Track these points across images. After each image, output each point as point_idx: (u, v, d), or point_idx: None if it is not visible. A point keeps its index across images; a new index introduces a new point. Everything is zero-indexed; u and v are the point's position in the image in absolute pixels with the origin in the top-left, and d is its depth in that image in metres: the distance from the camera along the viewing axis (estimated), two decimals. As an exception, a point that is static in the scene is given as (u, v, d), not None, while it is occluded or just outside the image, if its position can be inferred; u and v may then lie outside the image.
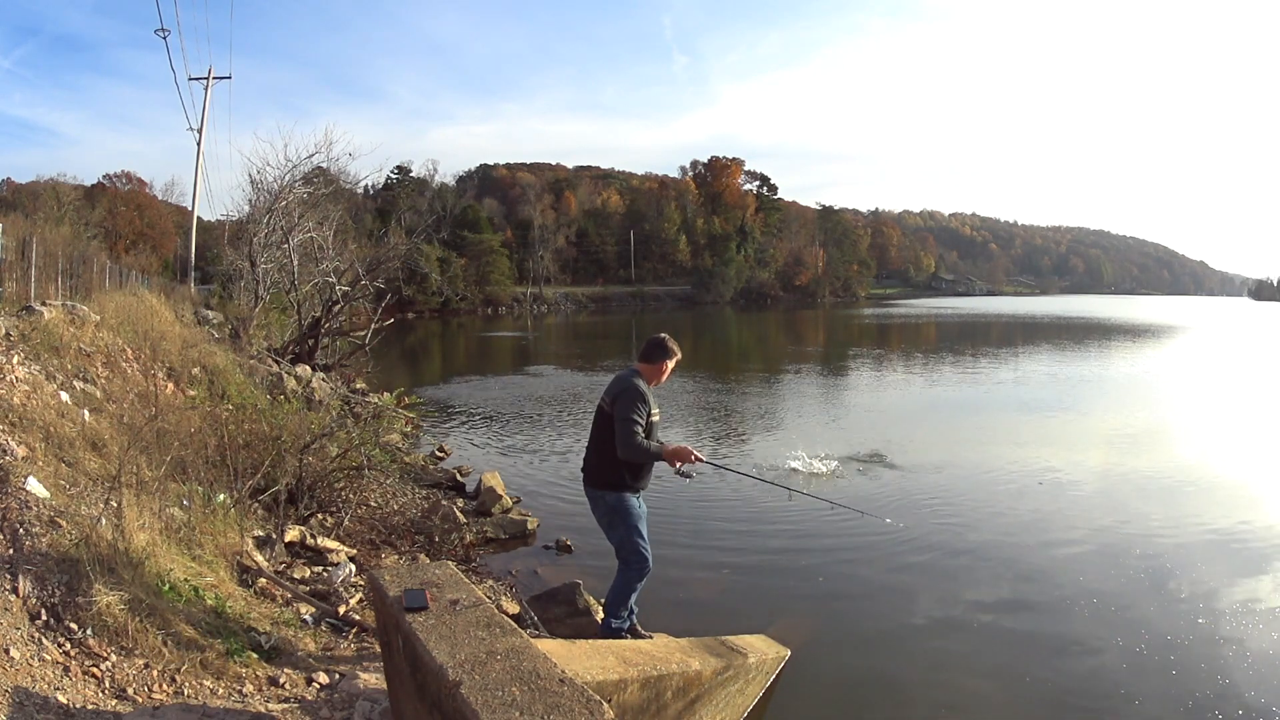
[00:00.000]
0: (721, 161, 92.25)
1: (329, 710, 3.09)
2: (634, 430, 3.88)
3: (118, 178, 61.37)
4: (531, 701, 2.05)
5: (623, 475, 3.99)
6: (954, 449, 10.27)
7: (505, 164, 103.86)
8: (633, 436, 3.87)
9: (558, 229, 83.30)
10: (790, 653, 4.50)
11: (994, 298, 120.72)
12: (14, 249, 9.75)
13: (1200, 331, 42.32)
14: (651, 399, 4.02)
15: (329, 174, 17.92)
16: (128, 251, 37.75)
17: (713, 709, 3.63)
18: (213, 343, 9.74)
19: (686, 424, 12.49)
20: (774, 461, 9.40)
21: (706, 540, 6.67)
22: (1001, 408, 14.55)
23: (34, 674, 2.69)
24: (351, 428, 7.15)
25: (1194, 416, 13.57)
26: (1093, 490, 8.25)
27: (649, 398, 4.00)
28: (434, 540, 6.13)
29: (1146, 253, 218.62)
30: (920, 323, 49.78)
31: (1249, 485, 8.55)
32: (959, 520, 7.11)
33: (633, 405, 3.90)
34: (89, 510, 3.63)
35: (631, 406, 3.90)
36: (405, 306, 48.78)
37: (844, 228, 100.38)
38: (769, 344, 34.93)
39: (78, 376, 5.51)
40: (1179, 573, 5.81)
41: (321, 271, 15.51)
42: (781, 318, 58.85)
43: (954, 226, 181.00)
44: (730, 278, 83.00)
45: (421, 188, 75.93)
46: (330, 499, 6.05)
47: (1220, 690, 4.10)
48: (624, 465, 3.98)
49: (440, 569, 2.95)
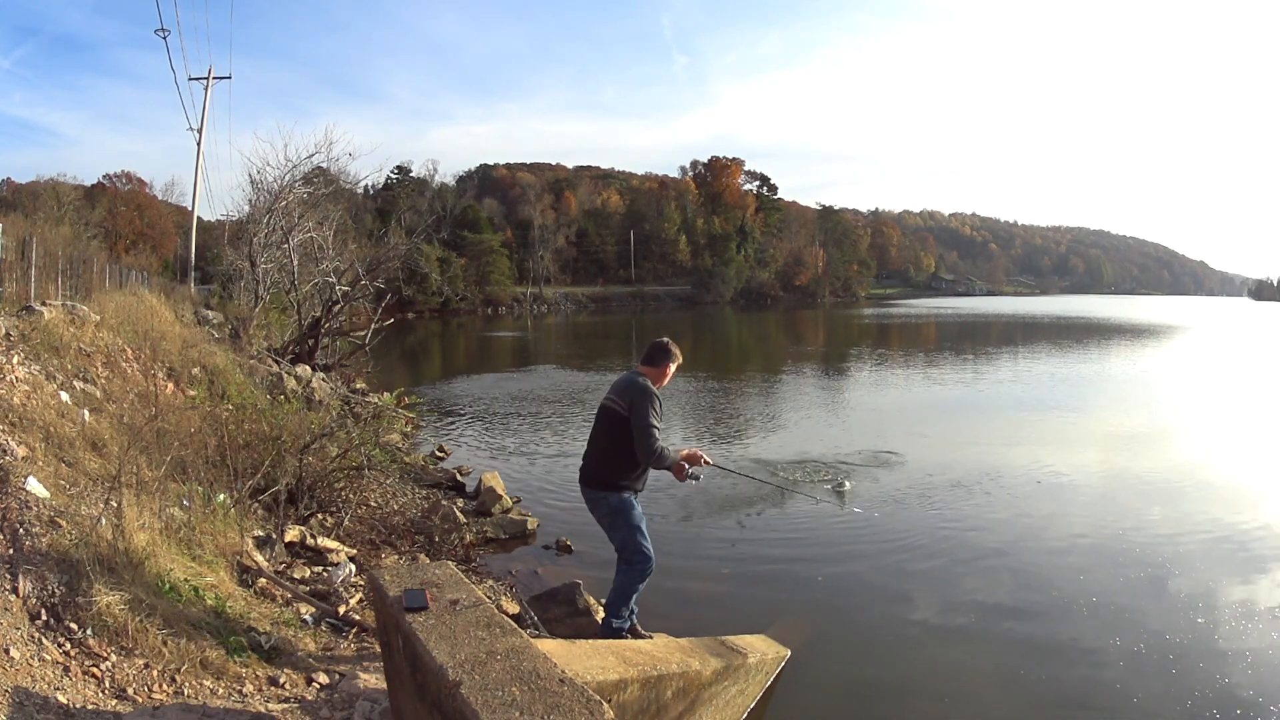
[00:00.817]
0: (721, 161, 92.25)
1: (329, 710, 3.09)
2: (656, 435, 3.90)
3: (118, 178, 61.42)
4: (531, 701, 2.05)
5: (625, 476, 4.00)
6: (953, 449, 10.26)
7: (505, 164, 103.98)
8: (656, 442, 3.89)
9: (558, 229, 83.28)
10: (790, 653, 4.50)
11: (994, 298, 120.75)
12: (14, 249, 9.76)
13: (1200, 331, 42.32)
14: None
15: (329, 174, 17.93)
16: (128, 251, 37.78)
17: (713, 709, 3.63)
18: (213, 343, 9.74)
19: (687, 424, 12.49)
20: (774, 462, 9.40)
21: (707, 540, 6.67)
22: (1001, 407, 14.55)
23: (34, 674, 2.69)
24: (351, 428, 7.15)
25: (1193, 416, 13.56)
26: (1092, 490, 8.25)
27: (661, 401, 4.01)
28: (434, 540, 6.13)
29: (1146, 253, 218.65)
30: (920, 323, 49.78)
31: (1249, 485, 8.55)
32: (959, 520, 7.10)
33: (651, 410, 3.91)
34: (89, 510, 3.63)
35: (650, 411, 3.90)
36: (405, 306, 48.79)
37: (844, 228, 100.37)
38: (769, 344, 34.92)
39: (78, 376, 5.51)
40: (1178, 573, 5.81)
41: (321, 271, 15.50)
42: (781, 318, 58.84)
43: (954, 226, 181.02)
44: (730, 278, 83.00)
45: (421, 188, 75.93)
46: (330, 499, 6.05)
47: (1219, 690, 4.10)
48: (627, 466, 3.98)
49: (440, 569, 2.95)
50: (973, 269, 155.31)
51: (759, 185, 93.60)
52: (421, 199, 71.03)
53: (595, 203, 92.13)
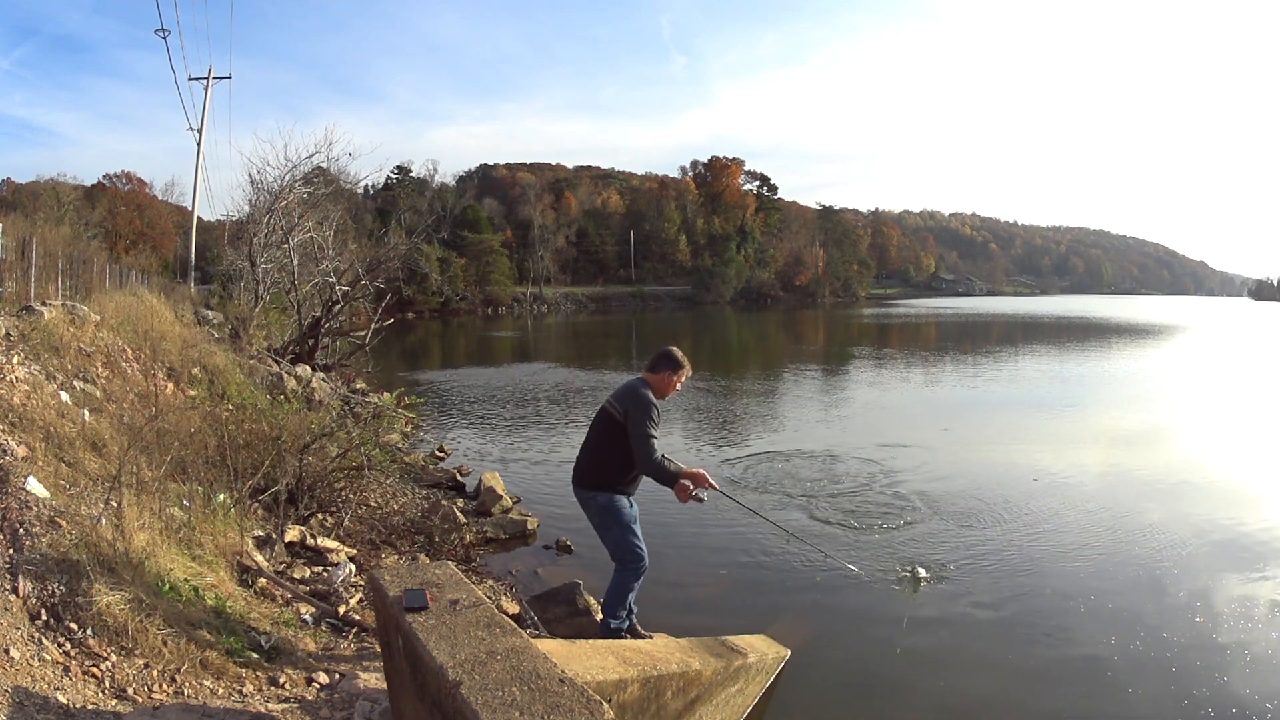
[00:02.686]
0: (721, 161, 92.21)
1: (329, 710, 3.09)
2: (654, 446, 3.86)
3: (118, 178, 61.41)
4: (531, 701, 2.05)
5: (613, 476, 3.98)
6: (953, 448, 10.26)
7: (505, 164, 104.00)
8: (654, 452, 3.86)
9: (558, 229, 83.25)
10: (790, 653, 4.50)
11: (994, 298, 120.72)
12: (14, 249, 9.74)
13: (1200, 331, 42.31)
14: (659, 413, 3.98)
15: (329, 174, 17.90)
16: (128, 251, 37.73)
17: (713, 709, 3.63)
18: (213, 343, 9.74)
19: (688, 424, 12.49)
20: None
21: (707, 540, 6.67)
22: (1000, 407, 14.55)
23: (34, 674, 2.69)
24: (351, 428, 7.15)
25: (1193, 416, 13.56)
26: (1091, 489, 8.24)
27: (659, 411, 3.97)
28: (434, 540, 6.13)
29: (1146, 253, 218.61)
30: (920, 323, 49.77)
31: (1248, 485, 8.54)
32: (958, 520, 7.10)
33: (648, 419, 3.87)
34: (89, 510, 3.63)
35: (647, 420, 3.86)
36: (405, 306, 48.76)
37: (844, 228, 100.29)
38: (769, 344, 34.92)
39: (78, 376, 5.51)
40: (1177, 572, 5.80)
41: (321, 271, 15.49)
42: (781, 318, 58.82)
43: (954, 226, 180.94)
44: (730, 278, 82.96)
45: (421, 188, 75.93)
46: (330, 499, 6.04)
47: (1218, 689, 4.10)
48: (618, 469, 3.97)
49: (440, 569, 2.94)
50: (973, 269, 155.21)
51: (759, 185, 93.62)
52: (421, 199, 70.99)
53: (595, 203, 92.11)
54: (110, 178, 60.77)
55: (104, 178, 60.20)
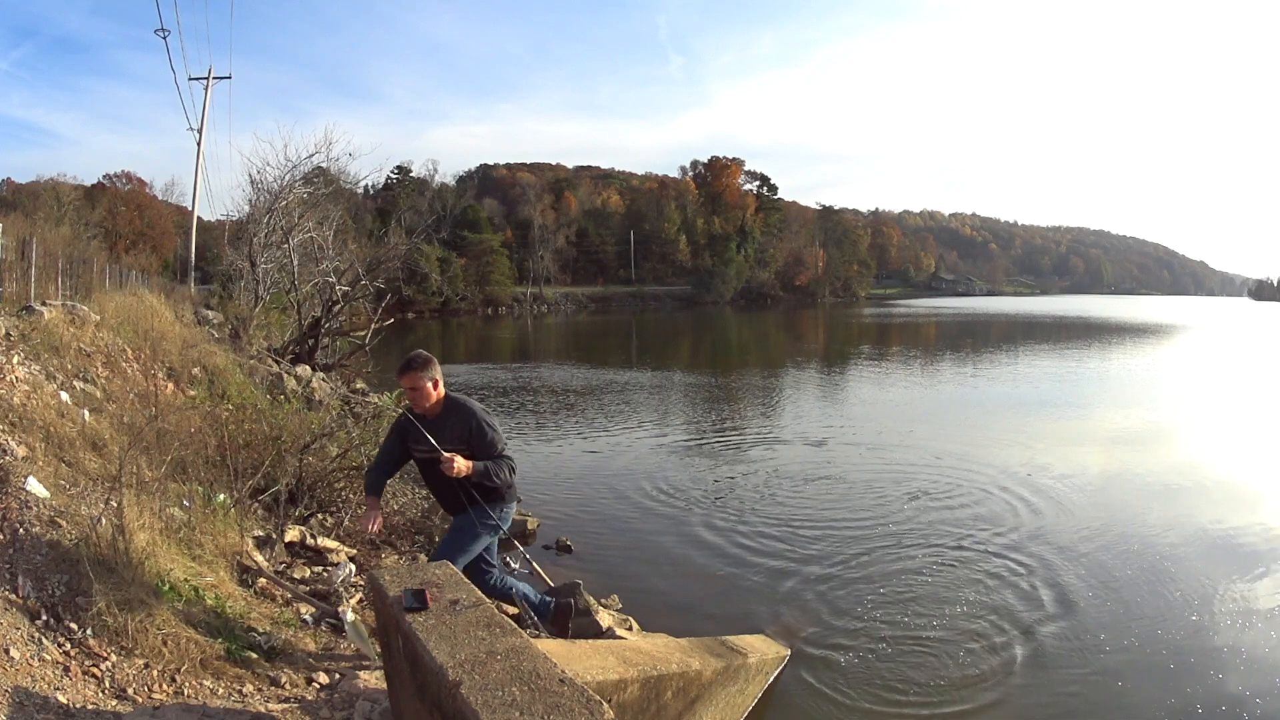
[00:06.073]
0: (721, 161, 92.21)
1: (329, 710, 3.09)
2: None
3: (118, 178, 61.44)
4: (531, 701, 2.05)
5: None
6: (953, 446, 10.25)
7: (505, 164, 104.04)
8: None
9: (558, 229, 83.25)
10: (790, 653, 4.50)
11: (994, 298, 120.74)
12: (14, 249, 9.74)
13: (1200, 331, 42.30)
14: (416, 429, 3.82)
15: (329, 174, 17.94)
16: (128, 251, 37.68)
17: (713, 709, 3.63)
18: (213, 343, 9.74)
19: (689, 424, 12.49)
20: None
21: (706, 540, 6.67)
22: (1000, 406, 14.54)
23: (34, 674, 2.69)
24: (351, 428, 7.14)
25: (1192, 416, 13.56)
26: (1090, 489, 8.24)
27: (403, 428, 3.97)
28: (434, 540, 6.12)
29: (1146, 253, 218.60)
30: (921, 323, 49.77)
31: (1248, 485, 8.54)
32: (958, 519, 7.10)
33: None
34: (89, 510, 3.63)
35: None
36: (405, 306, 48.77)
37: (844, 228, 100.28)
38: (769, 344, 34.92)
39: (78, 376, 5.51)
40: (1177, 571, 5.80)
41: (321, 271, 15.49)
42: (781, 318, 58.82)
43: (954, 226, 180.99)
44: (730, 278, 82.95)
45: (421, 188, 75.97)
46: (330, 499, 6.04)
47: (1217, 689, 4.10)
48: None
49: (440, 569, 2.94)
50: (973, 269, 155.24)
51: (759, 185, 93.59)
52: (421, 199, 71.09)
53: (595, 203, 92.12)
54: (110, 178, 60.88)
55: (104, 178, 60.32)
